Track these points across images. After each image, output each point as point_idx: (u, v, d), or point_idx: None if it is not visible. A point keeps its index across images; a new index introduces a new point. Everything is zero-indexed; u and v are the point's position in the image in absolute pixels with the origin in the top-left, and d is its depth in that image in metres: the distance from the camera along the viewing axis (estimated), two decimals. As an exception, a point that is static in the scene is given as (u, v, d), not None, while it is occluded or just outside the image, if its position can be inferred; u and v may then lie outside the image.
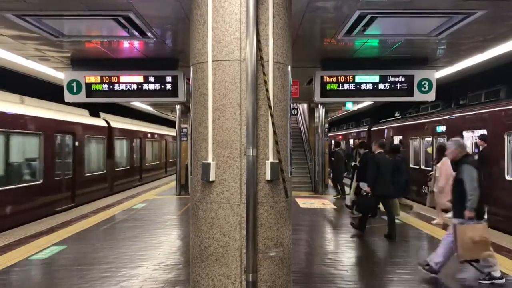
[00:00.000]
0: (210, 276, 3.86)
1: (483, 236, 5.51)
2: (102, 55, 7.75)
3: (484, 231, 5.55)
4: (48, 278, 6.11)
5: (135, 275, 6.08)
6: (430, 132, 14.21)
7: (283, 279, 3.99)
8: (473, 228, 5.53)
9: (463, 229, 5.55)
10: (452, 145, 5.88)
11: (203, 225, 3.93)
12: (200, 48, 3.98)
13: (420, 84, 7.87)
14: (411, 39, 6.82)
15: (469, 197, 5.53)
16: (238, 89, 3.83)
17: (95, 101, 8.17)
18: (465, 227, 5.55)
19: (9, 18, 5.59)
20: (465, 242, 5.51)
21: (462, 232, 5.55)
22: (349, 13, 5.58)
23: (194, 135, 4.09)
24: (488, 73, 10.22)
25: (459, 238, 5.56)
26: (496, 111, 10.31)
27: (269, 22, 3.90)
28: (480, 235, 5.49)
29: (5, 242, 7.98)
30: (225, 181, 3.85)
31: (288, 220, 4.11)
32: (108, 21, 5.82)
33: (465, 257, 5.63)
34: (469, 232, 5.50)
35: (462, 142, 6.01)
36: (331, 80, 7.91)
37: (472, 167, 5.68)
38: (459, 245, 5.56)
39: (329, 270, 6.40)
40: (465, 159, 5.79)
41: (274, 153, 3.90)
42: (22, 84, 12.53)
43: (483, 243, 5.50)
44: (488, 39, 6.83)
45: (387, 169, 8.46)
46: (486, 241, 5.54)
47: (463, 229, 5.55)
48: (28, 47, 7.19)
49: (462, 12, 5.47)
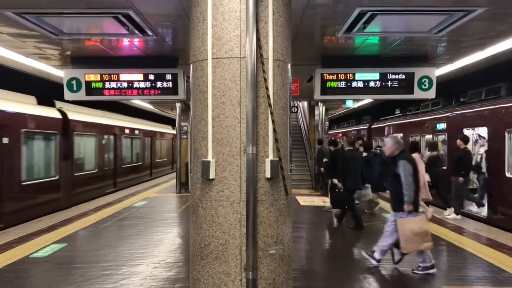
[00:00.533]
0: (210, 274, 3.86)
1: (423, 228, 5.81)
2: (102, 53, 7.74)
3: (422, 223, 5.86)
4: (48, 276, 6.11)
5: (135, 273, 6.08)
6: (431, 130, 14.20)
7: (283, 276, 3.99)
8: (413, 221, 5.83)
9: (403, 222, 5.85)
10: (390, 141, 6.19)
11: (203, 223, 3.93)
12: (200, 45, 3.97)
13: (420, 82, 7.85)
14: (412, 36, 6.80)
15: (405, 191, 5.82)
16: (238, 86, 3.82)
17: (95, 99, 8.15)
18: (405, 220, 5.85)
19: (8, 16, 5.58)
20: (406, 235, 5.79)
21: (402, 225, 5.85)
22: (349, 11, 5.56)
23: (194, 133, 4.08)
24: (488, 71, 10.21)
25: (401, 231, 5.86)
26: (496, 108, 10.30)
27: (269, 20, 3.89)
28: (420, 227, 5.80)
29: (6, 240, 7.99)
30: (225, 179, 3.84)
31: (288, 218, 4.11)
32: (107, 19, 5.80)
33: (408, 249, 5.92)
34: (409, 225, 5.81)
35: (400, 139, 6.34)
36: (331, 78, 7.89)
37: (407, 162, 5.97)
38: (402, 238, 5.84)
39: (329, 267, 6.41)
40: (401, 155, 6.10)
41: (274, 151, 3.89)
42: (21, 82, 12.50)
43: (423, 234, 5.80)
44: (488, 37, 6.81)
45: (356, 165, 8.91)
46: (426, 232, 5.83)
47: (403, 222, 5.85)
48: (28, 45, 7.17)
49: (462, 9, 5.45)
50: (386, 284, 5.77)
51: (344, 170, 9.05)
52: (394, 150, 6.13)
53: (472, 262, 6.55)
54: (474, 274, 6.06)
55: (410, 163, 5.97)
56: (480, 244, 7.55)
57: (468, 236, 8.18)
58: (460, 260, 6.66)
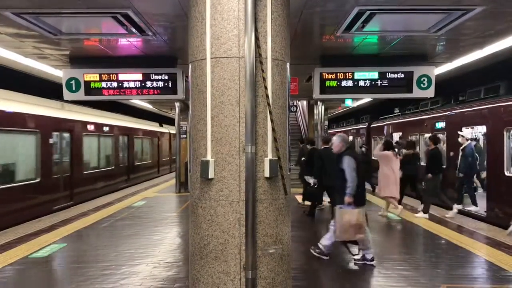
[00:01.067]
0: (209, 273, 3.87)
1: (358, 220, 6.20)
2: (100, 53, 7.74)
3: (359, 216, 6.23)
4: (48, 276, 6.12)
5: (135, 272, 6.09)
6: (430, 129, 14.21)
7: (283, 275, 4.00)
8: (351, 213, 6.20)
9: (342, 213, 6.24)
10: (337, 140, 6.63)
11: (202, 223, 3.93)
12: (199, 45, 3.98)
13: (419, 81, 7.86)
14: (410, 35, 6.81)
15: (349, 184, 6.23)
16: (237, 86, 3.83)
17: (94, 99, 8.16)
18: (344, 211, 6.24)
19: (7, 16, 5.58)
20: (342, 225, 6.22)
21: (341, 215, 6.25)
22: (348, 10, 5.57)
23: (193, 132, 4.09)
24: (487, 69, 10.22)
25: (338, 220, 6.29)
26: (495, 107, 10.31)
27: (267, 19, 3.89)
28: (356, 219, 6.19)
29: (6, 240, 7.99)
30: (224, 178, 3.85)
31: (287, 217, 4.12)
32: (106, 18, 5.81)
33: (342, 238, 6.35)
34: (347, 216, 6.19)
35: (346, 137, 6.82)
36: (330, 77, 7.90)
37: (351, 157, 6.40)
38: (338, 227, 6.29)
39: (327, 266, 6.41)
40: (347, 151, 6.54)
41: (273, 150, 3.90)
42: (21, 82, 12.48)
43: (358, 227, 6.20)
44: (487, 35, 6.82)
45: (331, 163, 9.01)
46: (361, 225, 6.24)
47: (342, 213, 6.25)
48: (27, 45, 7.17)
49: (461, 8, 5.46)
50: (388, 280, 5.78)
51: (319, 168, 9.47)
52: (341, 147, 6.56)
53: (471, 261, 6.56)
54: (473, 273, 6.07)
55: (354, 159, 6.39)
56: (480, 243, 7.56)
57: (468, 234, 8.19)
58: (459, 259, 6.67)
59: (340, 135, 6.76)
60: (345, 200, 6.21)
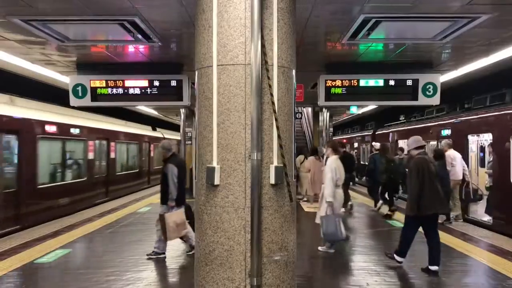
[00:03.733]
0: (214, 279, 3.86)
1: (182, 219, 6.95)
2: (107, 59, 7.79)
3: (182, 215, 7.01)
4: (53, 282, 6.13)
5: (140, 278, 6.09)
6: (435, 136, 14.17)
7: (288, 283, 3.99)
8: (176, 214, 6.91)
9: (169, 216, 6.82)
10: (162, 146, 7.32)
11: (207, 229, 3.94)
12: (205, 52, 4.00)
13: (424, 88, 7.85)
14: (416, 43, 6.82)
15: (170, 190, 6.91)
16: (243, 93, 3.84)
17: (100, 105, 8.21)
18: (170, 214, 6.85)
19: (15, 23, 5.64)
20: (171, 226, 6.79)
21: (168, 218, 6.79)
22: (354, 18, 5.59)
23: (199, 139, 4.10)
24: (493, 77, 10.19)
25: (167, 223, 6.77)
26: (501, 114, 10.27)
27: (273, 27, 3.91)
28: (181, 218, 6.94)
29: (11, 246, 8.01)
30: (229, 185, 3.85)
31: (292, 224, 4.11)
32: (113, 25, 5.85)
33: (173, 238, 6.92)
34: (173, 218, 6.84)
35: (170, 144, 7.40)
36: (335, 84, 7.91)
37: (174, 165, 7.02)
38: (168, 229, 6.78)
39: (334, 273, 6.38)
40: (171, 159, 7.14)
41: (279, 157, 3.90)
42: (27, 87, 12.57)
43: (182, 224, 6.94)
44: (493, 43, 6.81)
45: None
46: (184, 222, 7.01)
47: (169, 216, 6.82)
48: (34, 51, 7.24)
49: (466, 16, 5.46)
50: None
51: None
52: (164, 154, 7.22)
53: (477, 269, 6.52)
54: (479, 281, 6.03)
55: (176, 166, 7.02)
56: (486, 251, 7.51)
57: (473, 243, 8.14)
58: (464, 267, 6.63)
59: (162, 143, 7.42)
60: (169, 204, 6.93)
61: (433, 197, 6.19)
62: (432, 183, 6.22)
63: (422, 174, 6.19)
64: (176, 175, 6.96)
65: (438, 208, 6.32)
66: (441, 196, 6.29)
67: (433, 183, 6.23)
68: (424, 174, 6.20)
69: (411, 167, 6.47)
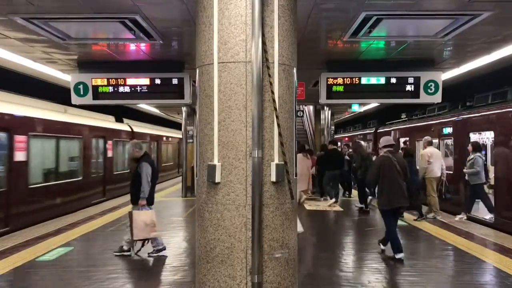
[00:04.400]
0: (215, 277, 3.87)
1: (152, 220, 6.90)
2: (108, 57, 7.79)
3: (152, 216, 6.96)
4: (55, 279, 6.14)
5: (140, 276, 6.09)
6: (437, 134, 14.15)
7: (289, 280, 3.99)
8: (145, 214, 6.88)
9: (137, 214, 6.85)
10: (131, 147, 7.32)
11: (208, 227, 3.94)
12: (206, 50, 4.00)
13: (426, 86, 7.84)
14: (417, 40, 6.80)
15: (142, 188, 6.89)
16: (244, 90, 3.84)
17: (102, 103, 8.21)
18: (139, 213, 6.86)
19: (17, 22, 5.63)
20: (139, 225, 6.79)
21: (137, 216, 6.82)
22: (355, 15, 5.57)
23: (200, 136, 4.10)
24: (495, 75, 10.16)
25: (135, 221, 6.80)
26: (503, 112, 10.25)
27: (274, 24, 3.91)
28: (150, 219, 6.89)
29: (13, 244, 8.03)
30: (230, 182, 3.86)
31: (293, 222, 4.11)
32: (114, 23, 5.84)
33: (139, 236, 6.87)
34: (142, 217, 6.84)
35: (141, 144, 7.50)
36: (336, 82, 7.89)
37: (148, 164, 7.05)
38: (134, 227, 6.80)
39: (334, 272, 6.39)
40: (144, 158, 7.14)
41: (280, 154, 3.90)
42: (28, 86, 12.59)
43: (152, 225, 6.88)
44: (495, 41, 6.79)
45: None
46: (154, 223, 6.94)
47: (137, 214, 6.84)
48: (36, 49, 7.24)
49: (468, 13, 5.44)
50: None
51: None
52: (135, 153, 7.21)
53: (478, 267, 6.51)
54: (481, 279, 6.02)
55: (150, 165, 7.06)
56: (488, 249, 7.51)
57: (476, 241, 8.14)
58: (466, 265, 6.62)
59: (133, 143, 7.40)
60: (139, 203, 6.91)
61: (394, 191, 6.77)
62: (392, 179, 6.78)
63: (383, 170, 6.83)
64: (150, 174, 6.98)
65: (401, 201, 6.83)
66: (402, 190, 6.80)
67: (394, 179, 6.77)
68: (384, 170, 6.82)
69: (373, 163, 7.39)
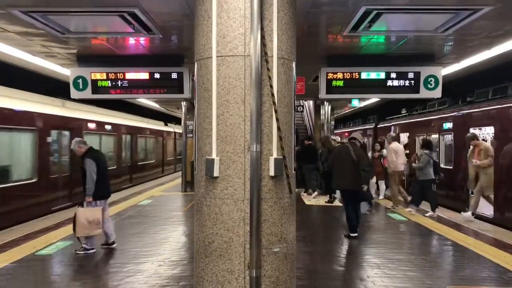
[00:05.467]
0: (214, 271, 3.87)
1: (96, 217, 6.79)
2: (108, 51, 7.76)
3: (97, 213, 6.83)
4: (54, 273, 6.16)
5: (140, 270, 6.11)
6: (437, 129, 14.13)
7: (287, 275, 3.99)
8: (90, 211, 6.80)
9: (82, 211, 6.77)
10: (74, 143, 7.18)
11: (207, 221, 3.94)
12: (205, 43, 3.98)
13: (426, 81, 7.81)
14: (418, 35, 6.77)
15: (87, 185, 6.85)
16: (242, 84, 3.83)
17: (101, 98, 8.19)
18: (84, 210, 6.80)
19: (15, 15, 5.61)
20: (81, 222, 6.72)
21: (80, 213, 6.74)
22: (355, 9, 5.54)
23: (199, 130, 4.09)
24: (495, 70, 10.14)
25: (77, 218, 6.73)
26: (504, 108, 10.23)
27: (273, 18, 3.88)
28: (94, 216, 6.77)
29: (12, 238, 8.05)
30: (229, 176, 3.85)
31: (292, 216, 4.11)
32: (113, 17, 5.82)
33: (81, 234, 6.83)
34: (86, 214, 6.76)
35: (83, 140, 7.45)
36: (336, 77, 7.86)
37: (91, 160, 6.94)
38: (77, 224, 6.73)
39: (332, 267, 6.40)
40: (88, 154, 7.07)
41: (278, 149, 3.89)
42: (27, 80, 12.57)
43: (96, 222, 6.79)
44: (495, 36, 6.76)
45: None
46: (99, 221, 6.83)
47: (81, 212, 6.77)
48: (35, 43, 7.21)
49: (469, 8, 5.41)
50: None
51: None
52: (80, 150, 7.11)
53: (477, 262, 6.52)
54: (479, 274, 6.03)
55: (94, 161, 6.95)
56: (487, 244, 7.51)
57: (475, 237, 8.15)
58: (465, 260, 6.63)
59: (76, 140, 7.28)
60: (86, 199, 6.88)
61: (342, 176, 7.92)
62: (344, 165, 7.92)
63: (334, 157, 8.22)
64: (95, 171, 6.89)
65: (344, 185, 8.00)
66: (351, 176, 7.83)
67: (346, 166, 7.89)
68: (335, 157, 8.19)
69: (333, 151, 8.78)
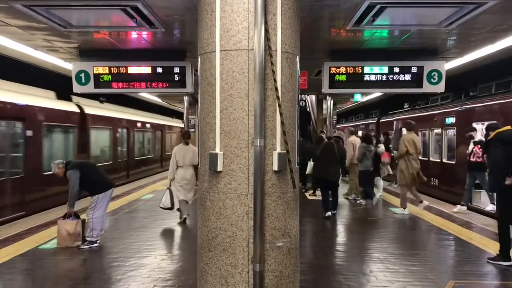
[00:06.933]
0: (217, 265, 3.88)
1: (77, 230, 7.07)
2: (110, 45, 7.74)
3: (78, 226, 7.10)
4: (57, 268, 6.17)
5: (143, 264, 6.13)
6: (440, 124, 14.10)
7: (290, 269, 4.00)
8: (70, 224, 7.05)
9: (62, 223, 7.05)
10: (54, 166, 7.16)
11: (210, 215, 3.94)
12: (208, 37, 3.97)
13: (429, 76, 7.78)
14: (421, 29, 6.74)
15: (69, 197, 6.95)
16: (246, 79, 3.81)
17: (103, 92, 8.19)
18: (64, 222, 7.05)
19: (17, 8, 5.59)
20: (62, 234, 7.00)
21: (61, 225, 7.02)
22: (358, 3, 5.51)
23: (202, 125, 4.08)
24: (499, 64, 10.09)
25: (58, 230, 7.02)
26: (507, 102, 10.20)
27: (277, 12, 3.87)
28: (74, 229, 7.04)
29: (16, 232, 8.08)
30: (232, 171, 3.85)
31: (295, 211, 4.11)
32: (116, 11, 5.80)
33: (62, 245, 6.99)
34: (67, 226, 7.02)
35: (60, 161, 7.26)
36: (339, 71, 7.83)
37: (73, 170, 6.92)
38: (58, 235, 7.04)
39: (335, 261, 6.41)
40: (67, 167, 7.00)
41: (282, 143, 3.89)
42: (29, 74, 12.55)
43: (76, 235, 7.06)
44: (499, 30, 6.72)
45: None
46: (79, 234, 7.08)
47: (62, 224, 7.05)
48: (37, 37, 7.20)
49: (473, 2, 5.37)
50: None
51: None
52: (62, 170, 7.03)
53: (479, 256, 6.52)
54: (482, 269, 6.03)
55: (75, 167, 7.01)
56: (487, 238, 7.51)
57: (477, 231, 8.15)
58: (467, 255, 6.63)
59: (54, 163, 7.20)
60: (67, 210, 7.06)
61: (325, 168, 9.37)
62: (327, 159, 9.33)
63: (319, 150, 9.57)
64: (77, 184, 6.90)
65: (325, 175, 9.45)
66: (330, 168, 9.30)
67: (329, 159, 9.32)
68: (320, 151, 9.53)
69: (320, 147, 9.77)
